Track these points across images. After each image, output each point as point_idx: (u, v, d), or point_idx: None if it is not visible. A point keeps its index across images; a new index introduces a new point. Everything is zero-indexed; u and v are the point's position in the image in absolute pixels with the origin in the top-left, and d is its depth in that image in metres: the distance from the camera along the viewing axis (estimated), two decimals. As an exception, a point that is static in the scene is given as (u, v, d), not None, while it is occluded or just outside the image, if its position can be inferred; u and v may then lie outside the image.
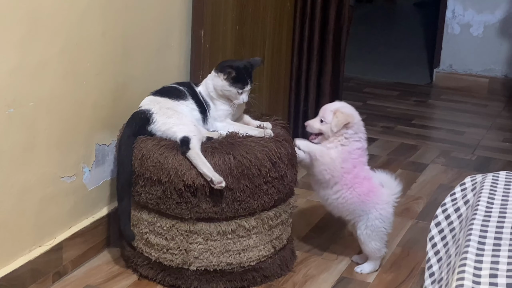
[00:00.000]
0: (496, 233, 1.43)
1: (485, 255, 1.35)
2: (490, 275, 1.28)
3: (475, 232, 1.43)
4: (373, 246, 2.28)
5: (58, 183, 2.18)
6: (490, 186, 1.67)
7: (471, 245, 1.38)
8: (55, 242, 2.18)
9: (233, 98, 2.20)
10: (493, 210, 1.54)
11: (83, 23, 2.15)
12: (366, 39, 6.07)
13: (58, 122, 2.13)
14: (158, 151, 2.11)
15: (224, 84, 2.19)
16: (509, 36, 4.61)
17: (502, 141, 3.77)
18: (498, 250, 1.36)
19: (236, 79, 2.18)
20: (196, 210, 2.09)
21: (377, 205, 2.25)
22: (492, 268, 1.30)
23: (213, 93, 2.24)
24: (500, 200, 1.60)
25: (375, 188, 2.27)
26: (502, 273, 1.28)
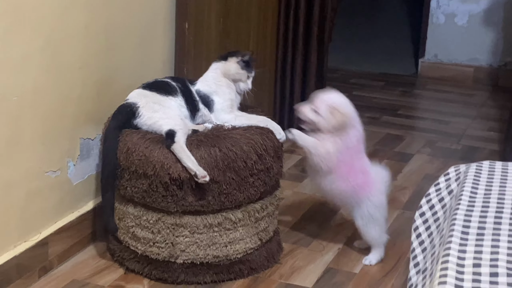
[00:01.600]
0: (479, 223, 1.45)
1: (469, 245, 1.37)
2: (474, 264, 1.30)
3: (458, 222, 1.45)
4: (375, 232, 2.30)
5: (42, 178, 2.17)
6: (473, 176, 1.69)
7: (455, 235, 1.40)
8: (40, 237, 2.18)
9: (243, 82, 2.30)
10: (477, 200, 1.56)
11: (66, 17, 2.15)
12: (351, 30, 6.08)
13: (42, 116, 2.13)
14: (143, 145, 2.11)
15: (237, 67, 2.29)
16: (493, 25, 4.64)
17: (487, 130, 3.80)
18: (482, 240, 1.39)
19: (247, 64, 2.30)
20: (182, 203, 2.10)
21: (370, 197, 2.27)
22: (476, 257, 1.32)
23: (221, 81, 2.28)
24: (483, 190, 1.62)
25: (370, 182, 2.28)
26: (485, 262, 1.30)
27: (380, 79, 4.80)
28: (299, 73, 3.47)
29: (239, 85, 2.30)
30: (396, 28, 6.24)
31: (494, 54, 4.68)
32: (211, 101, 2.26)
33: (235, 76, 2.29)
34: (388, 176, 2.35)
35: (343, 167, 2.22)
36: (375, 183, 2.29)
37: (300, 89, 3.49)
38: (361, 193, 2.26)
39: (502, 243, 1.37)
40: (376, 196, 2.28)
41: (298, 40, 3.42)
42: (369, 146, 3.45)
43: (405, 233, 2.52)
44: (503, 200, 1.57)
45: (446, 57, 4.81)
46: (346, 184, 2.24)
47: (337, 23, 5.12)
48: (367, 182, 2.27)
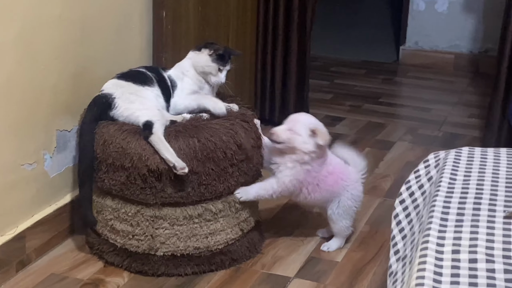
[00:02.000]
0: (458, 209, 1.45)
1: (448, 231, 1.36)
2: (453, 251, 1.30)
3: (437, 208, 1.45)
4: (343, 224, 2.32)
5: (18, 170, 2.14)
6: (452, 162, 1.69)
7: (434, 221, 1.40)
8: (17, 231, 2.16)
9: (213, 76, 2.24)
10: (456, 186, 1.56)
11: (39, 6, 2.11)
12: (332, 18, 6.07)
13: (17, 108, 2.09)
14: (120, 136, 2.09)
15: (208, 59, 2.23)
16: (474, 12, 4.65)
17: (469, 117, 3.82)
18: (461, 226, 1.38)
19: (220, 57, 2.23)
20: (161, 195, 2.08)
21: (347, 187, 2.29)
22: (455, 244, 1.32)
23: (188, 71, 2.25)
24: (462, 176, 1.62)
25: (341, 174, 2.29)
26: (464, 248, 1.30)
27: (361, 67, 4.80)
28: (279, 62, 3.45)
29: (210, 78, 2.25)
30: (377, 15, 6.24)
31: (475, 41, 4.70)
32: (174, 87, 2.25)
33: (204, 68, 2.24)
34: (363, 164, 2.36)
35: (309, 185, 2.23)
36: (351, 173, 2.31)
37: (281, 78, 3.48)
38: (337, 189, 2.27)
39: (481, 229, 1.37)
40: (354, 187, 2.30)
41: (279, 28, 3.40)
42: (350, 135, 3.48)
43: (387, 221, 2.51)
44: (482, 186, 1.57)
45: (427, 44, 4.82)
46: (319, 191, 2.25)
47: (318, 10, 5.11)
48: (338, 177, 2.27)
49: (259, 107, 3.49)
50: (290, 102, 3.48)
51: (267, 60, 3.46)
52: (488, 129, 3.26)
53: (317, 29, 4.48)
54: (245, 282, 2.18)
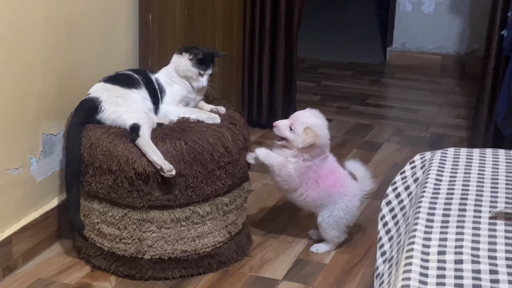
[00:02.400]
0: (444, 210, 1.46)
1: (434, 233, 1.37)
2: (439, 252, 1.31)
3: (423, 209, 1.46)
4: (332, 234, 2.32)
5: (4, 175, 2.13)
6: (438, 163, 1.70)
7: (420, 222, 1.40)
8: (3, 236, 2.14)
9: (194, 80, 2.23)
10: (442, 187, 1.57)
11: (24, 9, 2.10)
12: (319, 20, 6.09)
13: (2, 112, 2.08)
14: (107, 139, 2.08)
15: (188, 64, 2.22)
16: (460, 13, 4.68)
17: (455, 118, 3.84)
18: (446, 227, 1.39)
19: (200, 61, 2.22)
20: (148, 198, 2.08)
21: (344, 196, 2.28)
22: (441, 245, 1.33)
23: (174, 77, 2.24)
24: (448, 177, 1.63)
25: (341, 179, 2.29)
26: (450, 249, 1.31)
27: (349, 68, 4.82)
28: (267, 64, 3.45)
29: (191, 82, 2.24)
30: (364, 17, 6.26)
31: (461, 42, 4.72)
32: (163, 92, 2.24)
33: (185, 73, 2.23)
34: (370, 185, 2.36)
35: (308, 182, 2.24)
36: (352, 186, 2.31)
37: (268, 80, 3.48)
38: (334, 192, 2.27)
39: (467, 230, 1.37)
40: (350, 199, 2.29)
41: (265, 31, 3.40)
42: (338, 136, 3.49)
43: (375, 222, 2.51)
44: (468, 187, 1.58)
45: (413, 45, 4.84)
46: (317, 191, 2.26)
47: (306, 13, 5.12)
48: (338, 180, 2.27)
49: (246, 109, 3.49)
50: (278, 104, 3.49)
51: (254, 63, 3.46)
52: (475, 129, 3.28)
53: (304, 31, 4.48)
54: (233, 285, 2.18)
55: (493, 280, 1.22)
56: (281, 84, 3.48)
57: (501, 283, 1.21)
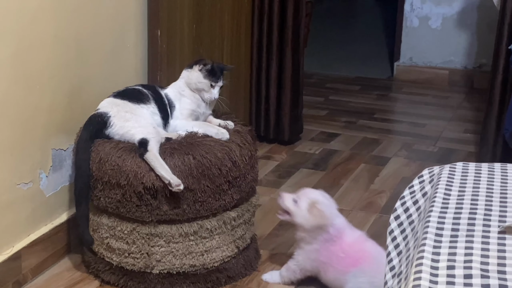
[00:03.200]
0: (453, 225, 1.45)
1: (443, 247, 1.36)
2: (448, 266, 1.30)
3: (432, 224, 1.45)
4: None
5: (14, 190, 2.14)
6: (447, 178, 1.69)
7: (429, 237, 1.40)
8: (13, 251, 2.15)
9: (206, 92, 2.23)
10: (450, 202, 1.56)
11: (34, 25, 2.12)
12: (327, 35, 6.11)
13: (12, 127, 2.10)
14: (116, 154, 2.09)
15: (199, 76, 2.23)
16: (467, 28, 4.68)
17: (463, 132, 3.83)
18: (456, 242, 1.38)
19: (210, 72, 2.23)
20: (156, 212, 2.08)
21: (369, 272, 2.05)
22: (450, 259, 1.32)
23: (184, 91, 2.25)
24: (457, 192, 1.62)
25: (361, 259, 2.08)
26: (459, 264, 1.30)
27: (356, 83, 4.82)
28: (274, 79, 3.47)
29: (203, 94, 2.25)
30: (371, 32, 6.28)
31: (469, 56, 4.73)
32: (173, 107, 2.25)
33: (197, 85, 2.24)
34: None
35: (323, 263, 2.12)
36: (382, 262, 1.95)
37: (275, 95, 3.49)
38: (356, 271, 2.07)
39: (476, 245, 1.36)
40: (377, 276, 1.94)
41: (273, 45, 3.42)
42: (345, 151, 3.49)
43: (383, 237, 2.50)
44: (477, 202, 1.57)
45: (421, 60, 4.85)
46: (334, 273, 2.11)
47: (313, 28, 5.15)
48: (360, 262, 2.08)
49: (254, 123, 3.50)
50: (285, 119, 3.50)
51: (261, 77, 3.47)
52: (483, 144, 3.27)
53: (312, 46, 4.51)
54: (242, 299, 2.17)
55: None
56: (288, 99, 3.49)
57: (511, 298, 1.20)
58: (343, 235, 2.12)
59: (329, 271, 2.13)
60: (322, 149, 3.50)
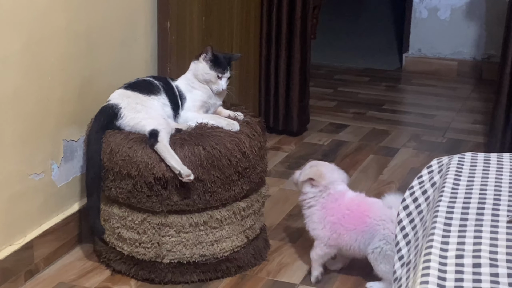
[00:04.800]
0: (462, 214, 1.45)
1: (451, 236, 1.36)
2: (456, 256, 1.30)
3: (441, 214, 1.45)
4: (382, 268, 2.09)
5: (26, 180, 2.15)
6: (456, 168, 1.68)
7: (437, 227, 1.39)
8: (25, 241, 2.16)
9: (213, 83, 2.23)
10: (459, 192, 1.56)
11: (45, 18, 2.13)
12: (336, 27, 6.09)
13: (24, 119, 2.10)
14: (127, 145, 2.10)
15: (205, 67, 2.22)
16: (476, 19, 4.65)
17: (472, 123, 3.82)
18: (464, 231, 1.38)
19: (215, 63, 2.22)
20: (167, 202, 2.09)
21: (378, 226, 2.08)
22: (458, 249, 1.32)
23: (194, 83, 2.25)
24: (465, 182, 1.62)
25: (367, 211, 2.11)
26: (468, 253, 1.30)
27: (365, 74, 4.81)
28: (283, 70, 3.46)
29: (211, 86, 2.24)
30: (380, 23, 6.26)
31: (478, 47, 4.70)
32: (184, 99, 2.25)
33: (204, 76, 2.23)
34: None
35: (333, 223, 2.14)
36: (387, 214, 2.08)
37: (284, 86, 3.48)
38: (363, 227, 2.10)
39: (485, 234, 1.36)
40: (387, 227, 2.07)
41: (282, 37, 3.41)
42: (354, 142, 3.48)
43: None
44: (485, 191, 1.56)
45: (429, 51, 4.82)
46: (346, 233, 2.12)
47: (322, 20, 5.13)
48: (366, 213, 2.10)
49: (263, 115, 3.50)
50: (294, 110, 3.49)
51: (270, 69, 3.47)
52: (492, 134, 3.26)
53: (321, 37, 4.49)
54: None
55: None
56: (297, 91, 3.49)
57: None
58: (344, 195, 2.16)
59: (342, 234, 2.13)
60: (331, 140, 3.50)
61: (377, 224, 2.09)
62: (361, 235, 2.11)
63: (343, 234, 2.13)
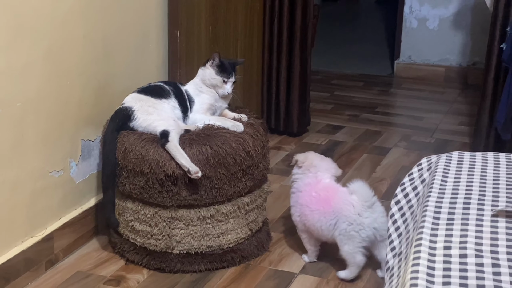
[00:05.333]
0: (449, 209, 1.45)
1: (440, 229, 1.36)
2: (445, 247, 1.30)
3: (430, 208, 1.45)
4: (345, 249, 2.09)
5: (47, 177, 2.16)
6: (444, 166, 1.68)
7: (427, 220, 1.39)
8: (46, 233, 2.17)
9: (219, 88, 2.22)
10: (447, 188, 1.56)
11: (65, 27, 2.13)
12: (332, 35, 6.08)
13: (45, 120, 2.11)
14: (139, 144, 2.10)
15: (212, 72, 2.22)
16: (462, 28, 4.65)
17: (458, 125, 3.81)
18: (452, 224, 1.38)
19: (221, 68, 2.21)
20: (177, 198, 2.09)
21: (340, 209, 2.08)
22: (446, 240, 1.32)
23: (202, 87, 2.24)
24: (453, 179, 1.62)
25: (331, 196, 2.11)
26: (455, 245, 1.30)
27: (359, 79, 4.80)
28: (284, 76, 3.46)
29: (217, 90, 2.24)
30: (373, 32, 6.25)
31: (463, 55, 4.69)
32: (192, 102, 2.25)
33: (210, 81, 2.23)
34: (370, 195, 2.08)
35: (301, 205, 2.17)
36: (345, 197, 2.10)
37: (285, 91, 3.48)
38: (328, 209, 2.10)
39: (470, 227, 1.36)
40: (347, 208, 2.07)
41: (282, 45, 3.41)
42: (349, 142, 3.48)
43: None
44: (471, 188, 1.56)
45: (419, 58, 4.82)
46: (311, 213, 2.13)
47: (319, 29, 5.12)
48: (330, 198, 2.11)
49: (265, 117, 3.50)
50: (294, 113, 3.49)
51: (272, 75, 3.47)
52: (477, 135, 3.25)
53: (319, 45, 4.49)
54: (254, 277, 2.18)
55: (495, 273, 1.21)
56: (297, 94, 3.48)
57: (502, 276, 1.20)
58: (320, 181, 2.18)
59: (307, 215, 2.15)
60: (328, 140, 3.50)
61: (339, 207, 2.09)
62: (323, 216, 2.11)
63: (307, 215, 2.16)
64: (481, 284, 1.17)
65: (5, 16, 1.89)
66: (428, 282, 1.19)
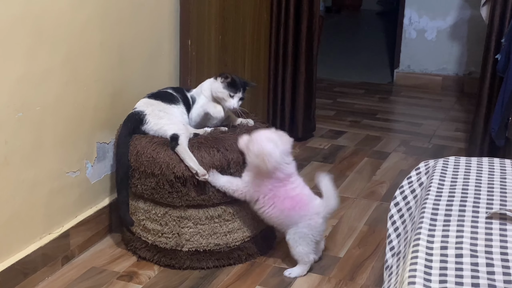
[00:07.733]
0: (446, 211, 1.44)
1: (437, 230, 1.35)
2: (441, 247, 1.29)
3: (428, 210, 1.44)
4: (300, 250, 2.10)
5: (64, 177, 2.16)
6: (441, 170, 1.68)
7: (424, 221, 1.39)
8: (63, 230, 2.17)
9: (225, 101, 2.19)
10: (444, 191, 1.55)
11: (83, 35, 2.13)
12: (335, 45, 6.08)
13: (63, 123, 2.11)
14: (151, 147, 2.10)
15: (219, 86, 2.19)
16: (459, 39, 4.64)
17: (455, 131, 3.79)
18: (448, 226, 1.37)
19: (230, 85, 2.18)
20: (186, 198, 2.09)
21: (305, 216, 2.07)
22: (443, 241, 1.31)
23: (208, 96, 2.22)
24: (449, 182, 1.61)
25: (300, 203, 2.07)
26: (451, 245, 1.29)
27: (361, 87, 4.79)
28: (289, 84, 3.45)
29: (224, 103, 2.19)
30: (374, 43, 6.24)
31: (460, 65, 4.68)
32: (195, 101, 2.24)
33: (217, 94, 2.19)
34: (334, 204, 2.08)
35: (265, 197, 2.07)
36: (315, 206, 2.08)
37: (290, 98, 3.48)
38: (292, 215, 2.07)
39: (466, 228, 1.35)
40: (312, 218, 2.07)
41: (288, 54, 3.41)
42: (351, 146, 3.47)
43: (383, 222, 2.49)
44: (467, 191, 1.56)
45: (418, 68, 4.81)
46: (273, 210, 2.08)
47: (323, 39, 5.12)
48: (297, 204, 2.06)
49: (271, 122, 3.50)
50: (299, 119, 3.49)
51: (278, 82, 3.46)
52: (472, 141, 3.24)
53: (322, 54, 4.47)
54: (259, 274, 2.17)
55: (490, 272, 1.20)
56: (302, 101, 3.48)
57: (496, 275, 1.19)
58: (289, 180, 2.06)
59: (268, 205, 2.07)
60: (330, 144, 3.49)
61: (304, 215, 2.06)
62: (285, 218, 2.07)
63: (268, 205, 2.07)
64: (475, 282, 1.17)
65: (27, 25, 1.90)
66: (425, 280, 1.18)
